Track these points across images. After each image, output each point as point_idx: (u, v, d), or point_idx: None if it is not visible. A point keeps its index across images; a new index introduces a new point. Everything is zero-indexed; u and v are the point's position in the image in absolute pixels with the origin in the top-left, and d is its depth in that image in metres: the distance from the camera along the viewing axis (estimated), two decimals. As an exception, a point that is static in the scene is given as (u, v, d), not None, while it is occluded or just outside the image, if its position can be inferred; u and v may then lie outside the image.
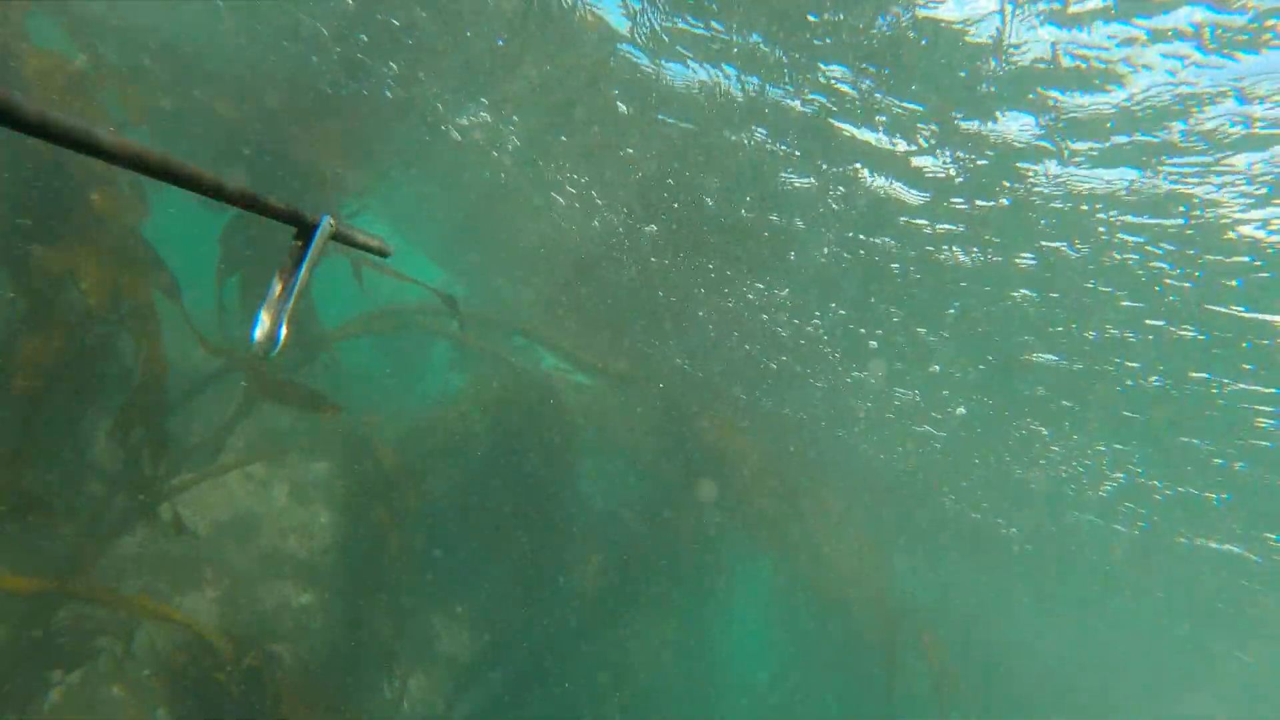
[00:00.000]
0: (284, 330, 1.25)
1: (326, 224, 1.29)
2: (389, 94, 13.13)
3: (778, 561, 17.05)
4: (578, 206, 12.83)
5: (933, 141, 7.26)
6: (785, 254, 9.96)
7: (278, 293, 1.26)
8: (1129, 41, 5.36)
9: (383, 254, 1.58)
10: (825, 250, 9.65)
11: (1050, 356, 9.81)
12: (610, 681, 14.39)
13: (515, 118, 11.11)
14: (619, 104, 8.94)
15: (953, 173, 7.57)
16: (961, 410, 12.29)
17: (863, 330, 11.02)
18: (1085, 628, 25.41)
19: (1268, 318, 7.31)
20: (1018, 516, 15.53)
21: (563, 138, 10.78)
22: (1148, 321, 8.19)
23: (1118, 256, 7.49)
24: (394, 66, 11.66)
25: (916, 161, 7.70)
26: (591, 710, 14.20)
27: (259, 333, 1.25)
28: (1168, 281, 7.49)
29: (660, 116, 8.56)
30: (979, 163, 7.26)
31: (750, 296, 11.72)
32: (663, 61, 7.98)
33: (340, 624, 11.45)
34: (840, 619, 16.16)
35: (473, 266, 20.92)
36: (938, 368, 11.05)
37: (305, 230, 1.28)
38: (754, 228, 9.61)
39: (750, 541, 16.23)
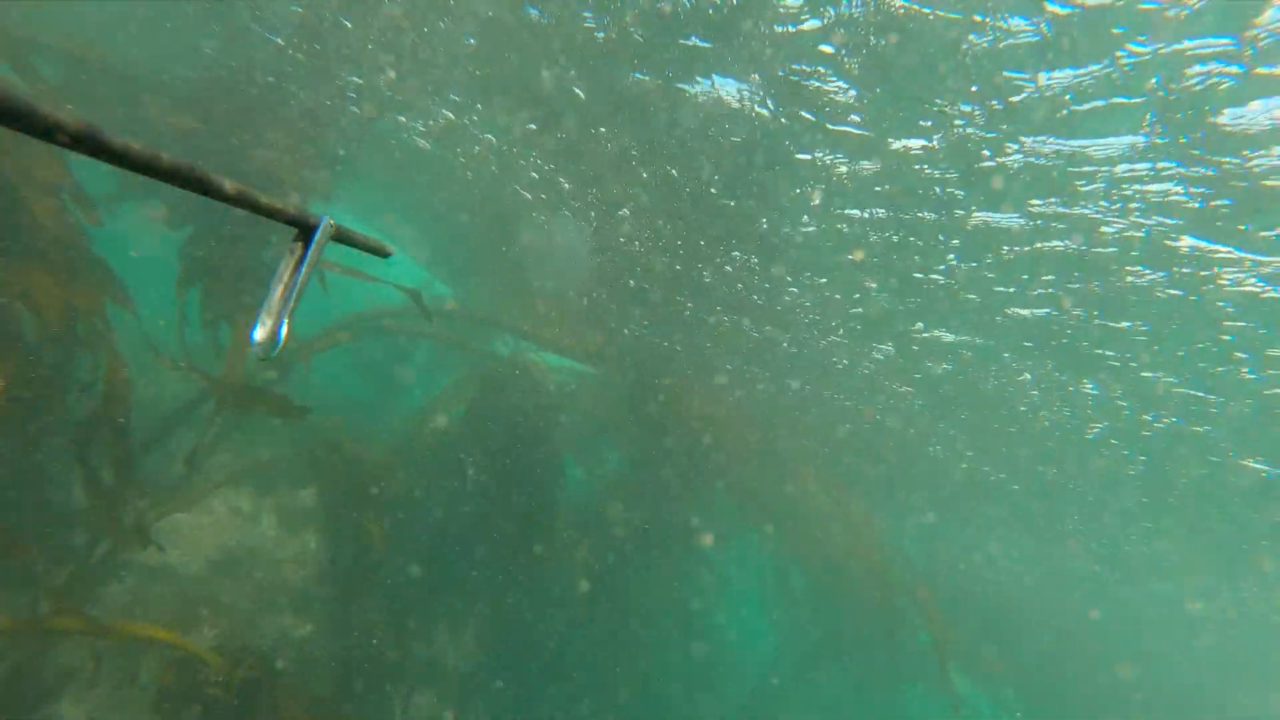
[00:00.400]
0: (284, 331, 1.25)
1: (326, 225, 1.30)
2: (355, 110, 12.97)
3: (769, 532, 17.11)
4: (544, 198, 12.72)
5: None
6: (759, 223, 9.93)
7: (279, 294, 1.27)
8: None
9: (382, 254, 1.60)
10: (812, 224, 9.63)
11: (1040, 311, 9.88)
12: (610, 672, 14.45)
13: (479, 107, 10.96)
14: (577, 90, 8.83)
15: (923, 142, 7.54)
16: (946, 366, 12.37)
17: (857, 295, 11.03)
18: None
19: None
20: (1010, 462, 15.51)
21: (531, 125, 10.66)
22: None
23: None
24: (353, 79, 11.51)
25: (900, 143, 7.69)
26: (594, 700, 14.23)
27: (259, 333, 1.24)
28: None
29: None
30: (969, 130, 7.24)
31: (727, 268, 11.69)
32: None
33: (343, 650, 11.41)
34: (837, 585, 16.26)
35: (454, 261, 20.70)
36: (921, 324, 11.08)
37: (305, 231, 1.29)
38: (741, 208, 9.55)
39: (740, 513, 16.30)
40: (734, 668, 19.38)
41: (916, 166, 7.96)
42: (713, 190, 9.65)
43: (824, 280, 10.96)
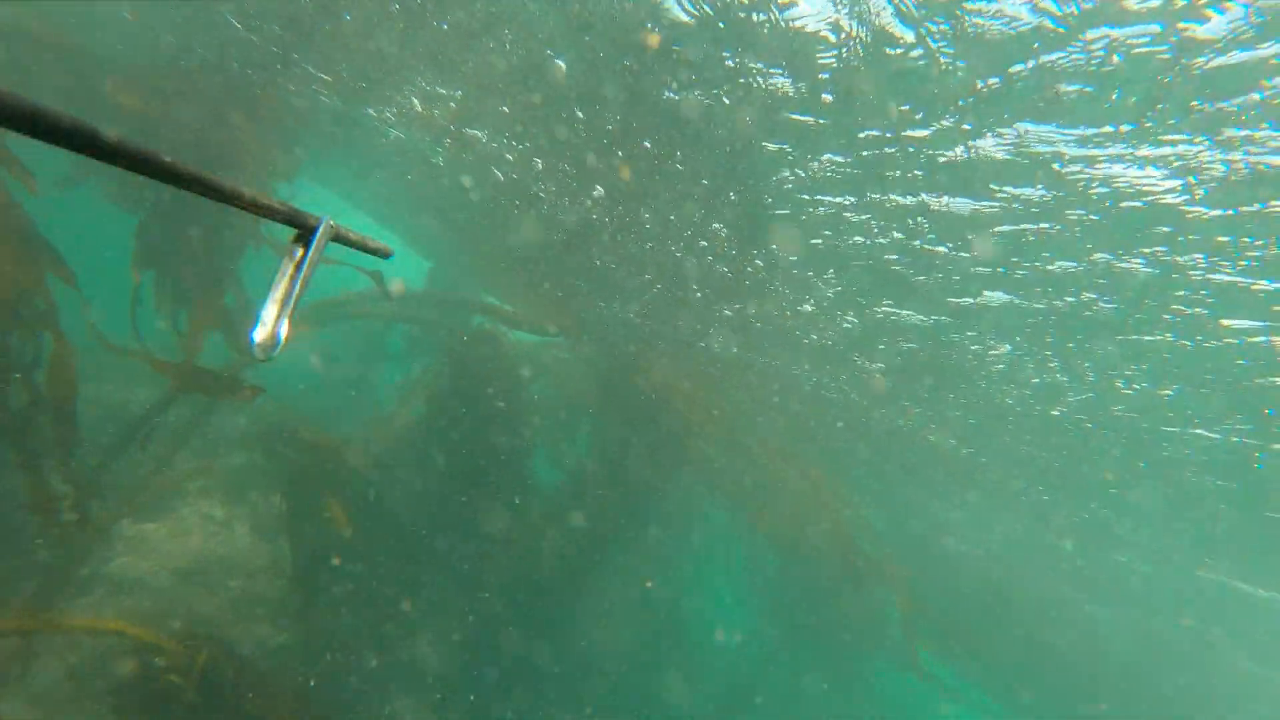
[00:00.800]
0: (284, 330, 1.26)
1: (325, 226, 1.32)
2: (324, 99, 12.77)
3: (735, 510, 17.13)
4: (515, 177, 12.61)
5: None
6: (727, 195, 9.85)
7: (279, 295, 1.27)
8: None
9: (382, 255, 1.60)
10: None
11: (1002, 295, 9.96)
12: (580, 651, 14.48)
13: (454, 92, 10.80)
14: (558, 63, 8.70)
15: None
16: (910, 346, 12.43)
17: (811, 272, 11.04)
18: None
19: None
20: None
21: (504, 109, 10.54)
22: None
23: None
24: (314, 72, 11.33)
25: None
26: (564, 682, 14.26)
27: (260, 334, 1.25)
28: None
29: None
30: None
31: (703, 243, 11.65)
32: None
33: (321, 657, 11.35)
34: (805, 562, 16.34)
35: (430, 234, 20.48)
36: (890, 303, 11.10)
37: (305, 232, 1.30)
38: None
39: (707, 491, 16.30)
40: (708, 650, 19.49)
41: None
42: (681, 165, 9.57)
43: (794, 259, 10.96)
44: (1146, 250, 7.90)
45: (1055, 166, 7.15)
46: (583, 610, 14.45)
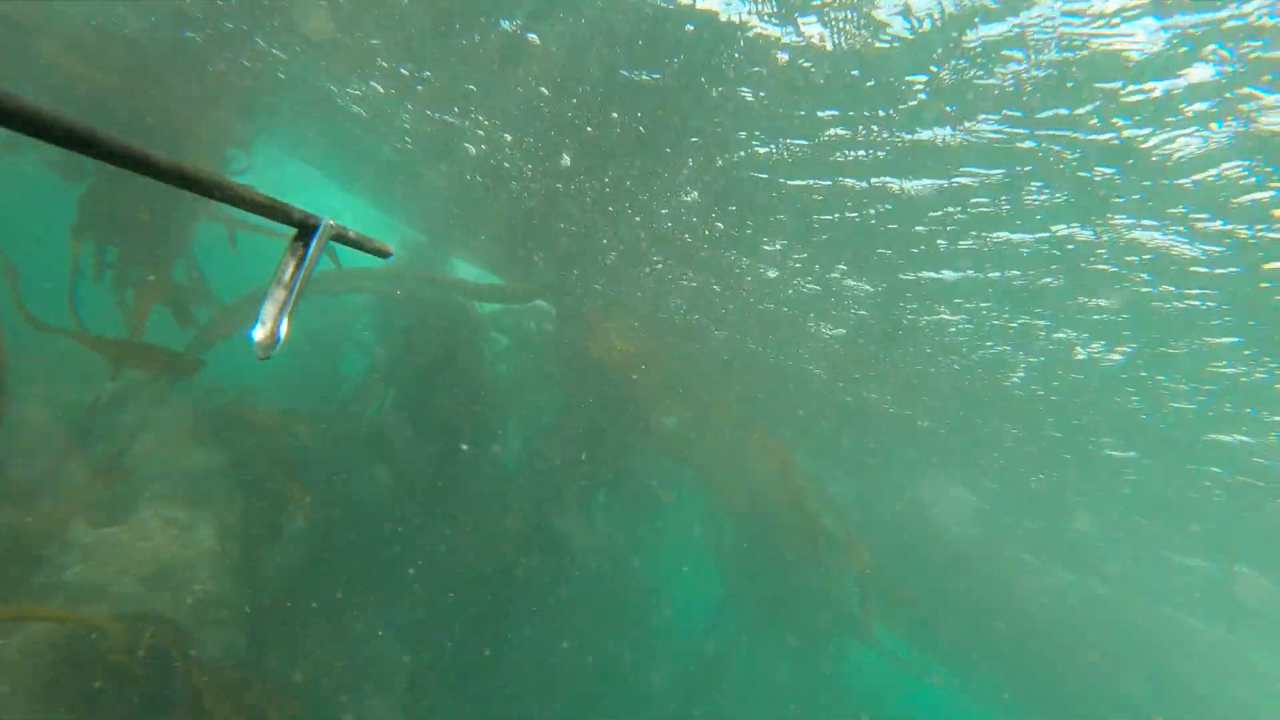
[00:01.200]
0: (284, 329, 1.25)
1: (325, 225, 1.32)
2: (281, 74, 12.35)
3: (702, 484, 17.00)
4: (485, 148, 12.33)
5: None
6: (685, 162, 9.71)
7: (279, 294, 1.27)
8: None
9: (383, 254, 1.61)
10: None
11: (949, 273, 9.99)
12: (550, 640, 14.53)
13: (424, 73, 10.47)
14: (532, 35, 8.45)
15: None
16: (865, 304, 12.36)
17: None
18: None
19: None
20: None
21: (471, 87, 10.27)
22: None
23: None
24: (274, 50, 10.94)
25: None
26: (534, 667, 14.33)
27: (260, 333, 1.24)
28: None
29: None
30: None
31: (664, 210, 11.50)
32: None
33: (291, 659, 11.21)
34: (765, 534, 16.26)
35: (403, 202, 20.03)
36: (845, 268, 11.03)
37: (305, 231, 1.30)
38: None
39: (674, 466, 16.15)
40: (674, 626, 19.61)
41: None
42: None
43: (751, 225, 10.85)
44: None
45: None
46: (543, 590, 14.47)
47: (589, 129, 9.91)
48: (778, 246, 11.33)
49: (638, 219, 11.91)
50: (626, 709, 16.40)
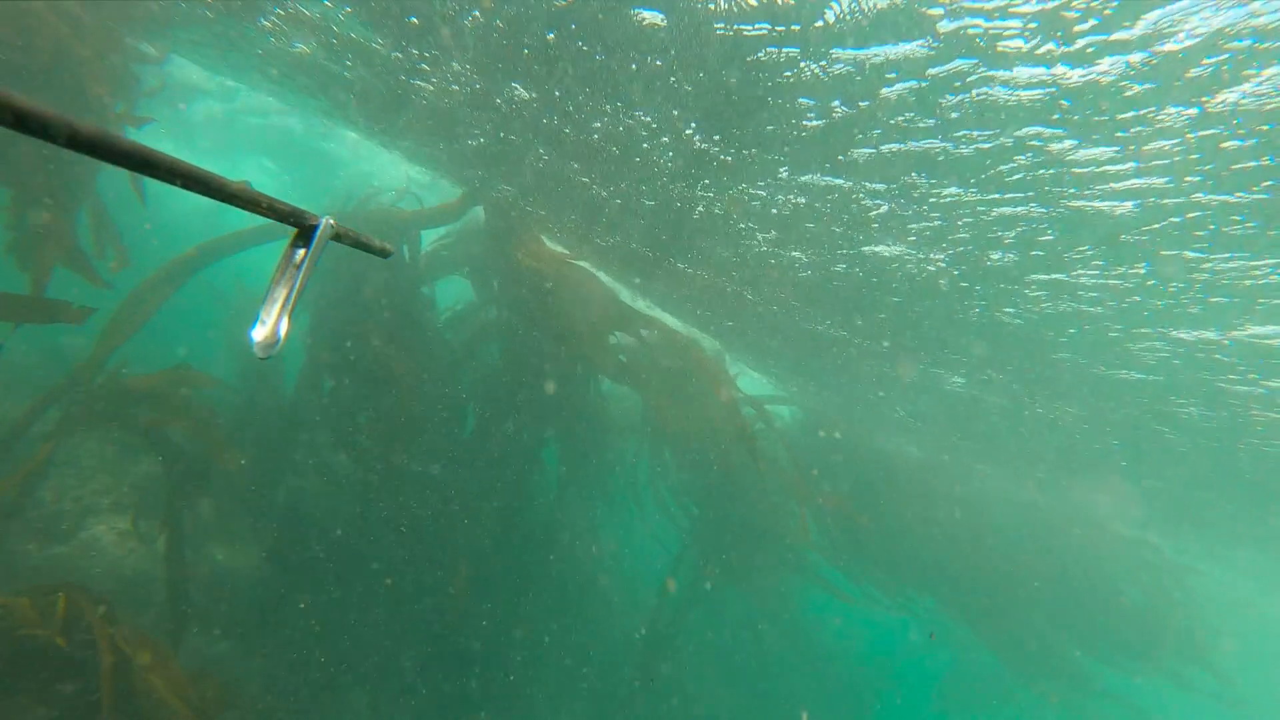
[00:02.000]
0: (284, 328, 1.24)
1: (326, 224, 1.33)
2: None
3: (641, 412, 16.32)
4: (441, 83, 11.43)
5: None
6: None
7: (279, 293, 1.27)
8: None
9: (384, 254, 1.62)
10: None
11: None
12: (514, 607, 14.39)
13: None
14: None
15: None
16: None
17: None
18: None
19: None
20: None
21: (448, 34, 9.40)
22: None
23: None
24: None
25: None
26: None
27: (260, 332, 1.23)
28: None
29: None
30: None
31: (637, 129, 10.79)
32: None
33: (267, 660, 11.02)
34: (711, 465, 15.65)
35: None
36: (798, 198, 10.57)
37: (305, 231, 1.31)
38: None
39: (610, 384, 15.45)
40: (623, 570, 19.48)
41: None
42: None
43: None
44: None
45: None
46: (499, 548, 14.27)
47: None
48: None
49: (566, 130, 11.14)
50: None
